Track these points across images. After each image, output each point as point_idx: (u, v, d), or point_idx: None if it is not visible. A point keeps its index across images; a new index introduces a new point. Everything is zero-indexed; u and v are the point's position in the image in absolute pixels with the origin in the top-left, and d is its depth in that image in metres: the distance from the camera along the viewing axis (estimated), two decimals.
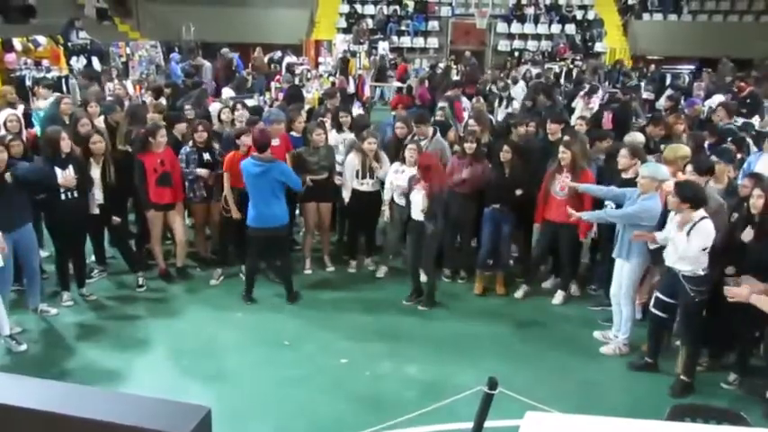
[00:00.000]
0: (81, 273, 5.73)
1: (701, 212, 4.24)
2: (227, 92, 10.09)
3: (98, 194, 5.60)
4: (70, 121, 6.32)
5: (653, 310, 4.63)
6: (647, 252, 4.77)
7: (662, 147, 6.75)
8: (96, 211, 5.60)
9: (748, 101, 10.57)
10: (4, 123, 6.17)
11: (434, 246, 5.64)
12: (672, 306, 4.49)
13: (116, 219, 5.79)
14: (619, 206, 4.99)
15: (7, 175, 4.74)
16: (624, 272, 4.90)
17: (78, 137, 5.76)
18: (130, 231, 6.45)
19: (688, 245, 4.19)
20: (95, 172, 5.58)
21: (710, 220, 4.23)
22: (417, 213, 5.50)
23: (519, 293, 6.00)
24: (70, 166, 5.26)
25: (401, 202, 6.00)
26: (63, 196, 5.24)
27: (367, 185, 6.25)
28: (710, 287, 4.33)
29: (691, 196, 4.24)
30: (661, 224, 4.59)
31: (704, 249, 4.23)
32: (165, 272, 6.14)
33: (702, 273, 4.29)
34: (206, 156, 6.05)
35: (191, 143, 6.08)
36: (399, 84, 17.60)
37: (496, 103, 10.62)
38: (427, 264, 5.70)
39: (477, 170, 5.96)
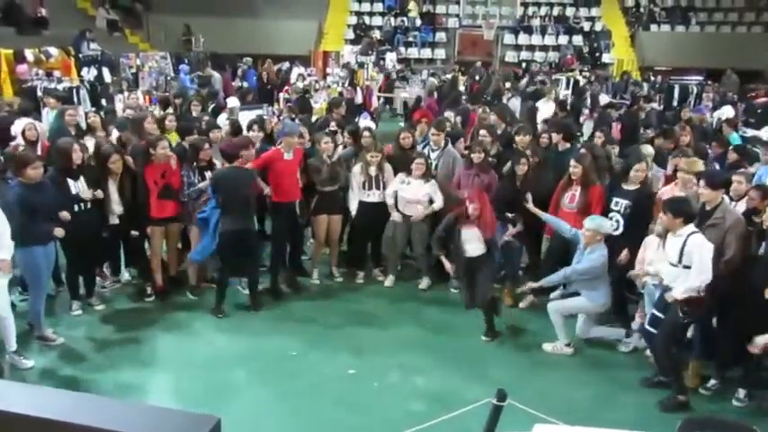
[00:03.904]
0: (90, 283, 5.74)
1: (691, 227, 4.20)
2: (233, 101, 10.16)
3: (117, 208, 5.60)
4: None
5: (648, 327, 4.58)
6: (600, 298, 4.99)
7: (670, 158, 6.78)
8: (116, 221, 5.61)
9: (759, 111, 10.56)
10: (23, 132, 6.23)
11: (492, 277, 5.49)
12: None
13: (134, 232, 5.72)
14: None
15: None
16: (576, 299, 5.08)
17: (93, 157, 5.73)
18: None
19: (699, 264, 4.11)
20: (113, 188, 5.58)
21: (701, 234, 4.20)
22: (473, 249, 5.28)
23: (524, 304, 5.97)
24: (81, 178, 5.29)
25: (408, 212, 6.07)
26: (75, 207, 5.23)
27: (373, 197, 6.25)
28: (702, 308, 4.27)
29: (682, 211, 4.21)
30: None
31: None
32: (162, 289, 5.99)
33: (696, 295, 4.17)
34: (208, 175, 5.86)
35: (194, 164, 5.85)
36: (406, 94, 17.71)
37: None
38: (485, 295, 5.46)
39: (485, 181, 5.96)
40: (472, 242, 5.25)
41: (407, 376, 4.73)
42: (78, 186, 5.27)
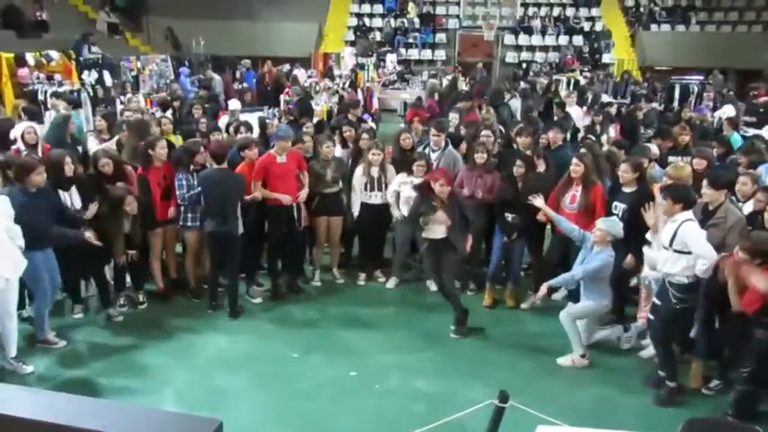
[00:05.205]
0: (103, 294, 5.63)
1: (688, 214, 4.30)
2: (234, 104, 10.18)
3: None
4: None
5: (650, 315, 4.63)
6: (604, 299, 4.94)
7: (669, 159, 6.79)
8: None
9: (761, 110, 10.55)
10: (22, 136, 6.22)
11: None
12: None
13: (132, 252, 5.57)
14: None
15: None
16: (582, 303, 5.02)
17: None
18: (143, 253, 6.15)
19: (697, 251, 4.18)
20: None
21: (695, 222, 4.30)
22: (437, 232, 5.27)
23: (526, 305, 5.96)
24: (73, 189, 5.25)
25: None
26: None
27: (375, 198, 6.25)
28: (696, 297, 4.36)
29: (682, 197, 4.33)
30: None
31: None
32: (164, 290, 6.02)
33: (687, 281, 4.28)
34: None
35: (190, 167, 5.81)
36: (406, 95, 17.72)
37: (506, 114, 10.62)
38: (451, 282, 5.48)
39: (488, 181, 5.95)
40: (436, 224, 5.22)
41: (409, 378, 4.73)
42: (67, 198, 5.20)
